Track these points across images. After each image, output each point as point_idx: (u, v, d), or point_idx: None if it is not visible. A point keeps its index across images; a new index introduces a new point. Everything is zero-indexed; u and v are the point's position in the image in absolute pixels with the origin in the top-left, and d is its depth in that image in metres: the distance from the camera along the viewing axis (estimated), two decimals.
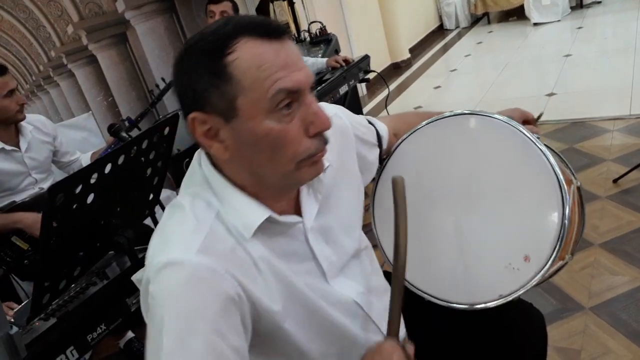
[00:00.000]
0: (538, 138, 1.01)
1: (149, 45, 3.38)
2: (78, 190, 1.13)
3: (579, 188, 1.06)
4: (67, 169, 2.37)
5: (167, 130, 1.44)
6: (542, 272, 0.91)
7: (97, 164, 1.20)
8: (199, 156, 0.82)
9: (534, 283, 0.92)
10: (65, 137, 2.37)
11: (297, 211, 0.85)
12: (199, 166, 0.80)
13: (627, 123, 3.14)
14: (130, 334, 2.28)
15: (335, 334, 0.86)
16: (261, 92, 0.69)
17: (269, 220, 0.77)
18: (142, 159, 1.38)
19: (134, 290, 1.48)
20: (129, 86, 3.31)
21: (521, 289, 0.93)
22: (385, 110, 3.32)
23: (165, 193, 2.47)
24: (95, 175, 1.18)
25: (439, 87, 5.04)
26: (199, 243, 0.71)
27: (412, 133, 1.12)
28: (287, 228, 0.82)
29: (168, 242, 0.73)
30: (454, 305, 1.00)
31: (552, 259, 0.91)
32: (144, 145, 1.36)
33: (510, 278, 0.94)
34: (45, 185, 2.17)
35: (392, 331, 0.80)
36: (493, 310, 0.98)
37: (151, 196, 1.60)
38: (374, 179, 1.15)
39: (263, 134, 0.70)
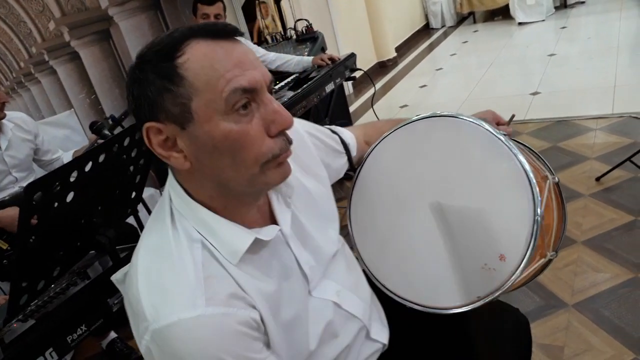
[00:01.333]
0: (506, 136, 1.00)
1: (133, 42, 3.34)
2: (57, 188, 1.10)
3: (556, 184, 1.05)
4: (49, 168, 2.33)
5: None
6: (519, 270, 0.89)
7: (77, 162, 1.17)
8: (169, 184, 0.78)
9: (511, 282, 0.90)
10: (47, 135, 2.33)
11: (273, 221, 0.82)
12: (169, 198, 0.77)
13: (610, 122, 3.17)
14: (112, 334, 2.25)
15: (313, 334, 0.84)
16: (215, 93, 0.66)
17: (254, 242, 0.74)
18: (124, 156, 1.36)
19: (115, 291, 1.45)
20: (112, 83, 3.26)
21: (498, 289, 0.91)
22: (371, 108, 3.32)
23: (148, 191, 2.45)
24: (75, 174, 1.16)
25: (424, 86, 5.06)
26: (203, 295, 0.67)
27: (383, 138, 1.11)
28: (271, 243, 0.79)
29: (168, 298, 0.68)
30: (433, 310, 0.99)
31: (527, 256, 0.89)
32: (126, 142, 1.34)
33: (488, 279, 0.93)
34: (25, 184, 2.13)
35: None
36: (479, 315, 0.98)
37: (134, 194, 1.58)
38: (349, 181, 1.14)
39: (221, 137, 0.67)
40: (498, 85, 4.47)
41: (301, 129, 0.97)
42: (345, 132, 1.11)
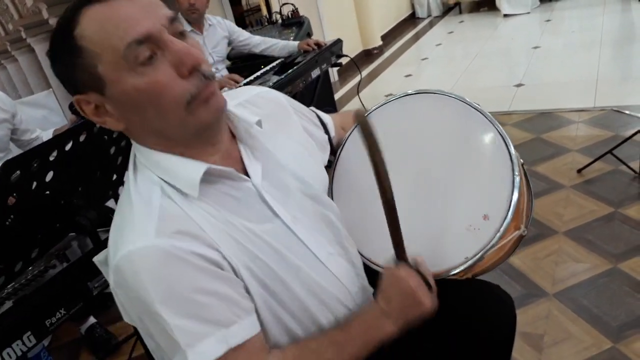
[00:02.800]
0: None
1: None
2: (35, 167, 1.06)
3: (522, 164, 1.09)
4: (28, 148, 2.26)
5: None
6: (502, 228, 0.94)
7: (56, 141, 1.14)
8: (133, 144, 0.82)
9: (496, 240, 0.95)
10: (24, 115, 2.25)
11: (246, 173, 0.84)
12: (134, 155, 0.81)
13: (592, 115, 3.21)
14: (92, 320, 2.21)
15: (304, 285, 0.84)
16: (113, 53, 0.68)
17: (209, 174, 0.76)
18: (105, 137, 1.32)
19: (96, 274, 1.42)
20: None
21: (484, 248, 0.94)
22: (357, 96, 3.30)
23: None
24: (55, 153, 1.12)
25: (409, 75, 5.05)
26: (154, 228, 0.70)
27: (368, 114, 1.16)
28: (234, 183, 0.81)
29: (123, 235, 0.72)
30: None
31: (510, 214, 0.95)
32: None
33: (473, 239, 0.96)
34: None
35: (401, 255, 0.85)
36: (463, 292, 1.01)
37: (115, 177, 1.54)
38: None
39: (135, 92, 0.69)
40: (483, 76, 4.49)
41: (283, 98, 1.01)
42: (322, 113, 1.15)
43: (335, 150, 1.15)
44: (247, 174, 0.83)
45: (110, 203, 1.81)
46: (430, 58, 5.48)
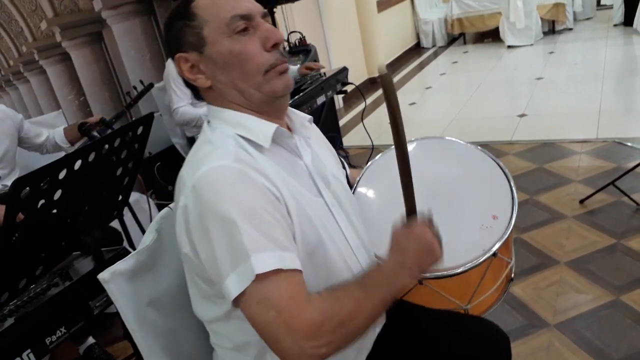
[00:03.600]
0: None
1: (125, 46, 3.32)
2: (45, 185, 1.09)
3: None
4: (40, 149, 2.27)
5: (140, 129, 1.41)
6: (511, 224, 1.17)
7: (66, 160, 1.16)
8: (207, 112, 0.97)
9: (508, 233, 1.16)
10: (25, 121, 2.25)
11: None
12: (207, 122, 0.96)
13: (594, 146, 3.24)
14: (91, 340, 2.20)
15: (329, 256, 0.94)
16: (220, 20, 0.88)
17: (276, 134, 0.91)
18: (114, 157, 1.34)
19: (97, 293, 1.44)
20: (102, 86, 3.24)
21: (498, 241, 1.14)
22: (361, 123, 3.34)
23: (134, 196, 2.42)
24: (64, 171, 1.14)
25: (414, 103, 5.11)
26: (233, 156, 0.83)
27: (381, 155, 1.40)
28: (291, 155, 0.95)
29: (202, 162, 0.83)
30: (448, 272, 1.14)
31: (514, 210, 1.20)
32: (116, 143, 1.33)
33: (487, 235, 1.16)
34: (9, 182, 2.08)
35: (412, 212, 0.95)
36: (461, 330, 1.10)
37: (120, 197, 1.56)
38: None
39: (228, 53, 0.88)
40: (486, 105, 4.54)
41: (320, 134, 1.16)
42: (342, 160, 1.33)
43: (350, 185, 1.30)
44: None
45: (114, 224, 1.83)
46: (435, 87, 5.55)
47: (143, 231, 2.12)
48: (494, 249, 1.14)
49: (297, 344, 0.75)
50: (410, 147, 1.36)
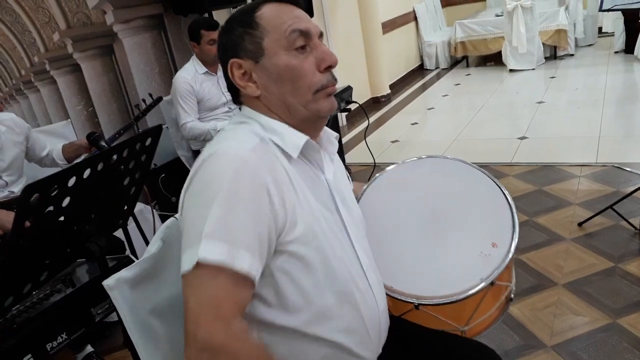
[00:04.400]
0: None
1: (135, 60, 3.39)
2: (54, 192, 1.12)
3: None
4: (41, 163, 2.29)
5: (149, 141, 1.45)
6: (511, 252, 1.14)
7: (75, 168, 1.19)
8: (242, 114, 0.99)
9: (507, 262, 1.12)
10: (32, 133, 2.28)
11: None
12: (235, 120, 0.98)
13: (594, 170, 3.27)
14: (89, 348, 2.21)
15: (337, 277, 0.93)
16: (280, 33, 0.91)
17: (306, 147, 0.93)
18: (122, 167, 1.38)
19: (100, 300, 1.46)
20: (110, 98, 3.29)
21: (497, 269, 1.11)
22: (364, 140, 3.38)
23: (138, 206, 2.45)
24: (73, 179, 1.18)
25: (415, 123, 5.16)
26: (252, 145, 0.86)
27: (378, 176, 1.39)
28: (314, 169, 0.97)
29: (222, 142, 0.87)
30: (444, 300, 1.12)
31: (514, 239, 1.16)
32: (125, 153, 1.36)
33: (486, 263, 1.13)
34: (16, 189, 2.11)
35: None
36: (457, 354, 1.10)
37: (126, 207, 1.59)
38: None
39: (284, 67, 0.90)
40: (487, 127, 4.59)
41: None
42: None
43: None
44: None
45: (116, 233, 1.85)
46: (437, 108, 5.61)
47: (146, 241, 2.15)
48: (492, 277, 1.12)
49: (192, 352, 0.75)
50: (415, 165, 1.43)
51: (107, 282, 1.02)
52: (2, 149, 2.05)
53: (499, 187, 1.29)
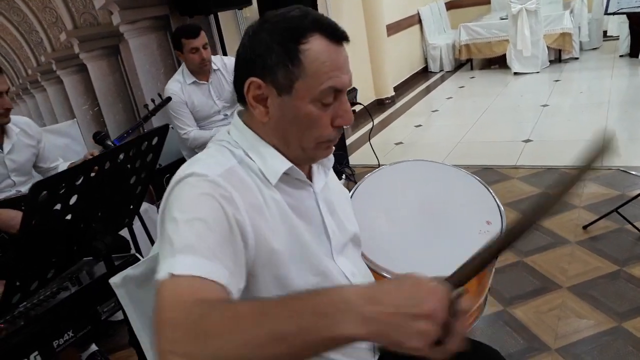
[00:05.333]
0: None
1: (141, 60, 3.40)
2: (62, 189, 1.12)
3: None
4: (45, 175, 2.33)
5: (155, 140, 1.45)
6: (504, 226, 1.23)
7: (84, 166, 1.20)
8: (232, 123, 0.97)
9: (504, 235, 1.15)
10: (47, 143, 2.34)
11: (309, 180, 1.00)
12: (227, 133, 0.96)
13: (599, 174, 3.26)
14: (94, 347, 2.22)
15: (322, 284, 0.94)
16: (317, 82, 0.85)
17: (287, 172, 0.91)
18: (128, 166, 1.38)
19: (106, 298, 1.46)
20: (116, 98, 3.30)
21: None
22: (368, 142, 3.38)
23: (143, 206, 2.45)
24: (81, 178, 1.18)
25: (420, 125, 5.16)
26: (222, 171, 0.83)
27: (375, 171, 1.46)
28: (302, 185, 0.96)
29: (194, 164, 0.85)
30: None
31: (502, 213, 1.28)
32: (132, 152, 1.37)
33: (487, 237, 1.11)
34: (24, 189, 2.13)
35: (453, 278, 0.66)
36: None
37: (132, 206, 1.59)
38: None
39: (304, 114, 0.87)
40: (491, 130, 4.58)
41: None
42: None
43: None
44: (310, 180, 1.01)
45: (121, 232, 1.86)
46: (441, 110, 5.61)
47: (151, 240, 2.15)
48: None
49: (158, 341, 0.63)
50: (397, 167, 1.51)
51: (114, 280, 1.03)
52: (14, 150, 2.08)
53: (469, 174, 1.43)
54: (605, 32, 6.77)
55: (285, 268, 0.88)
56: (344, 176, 3.78)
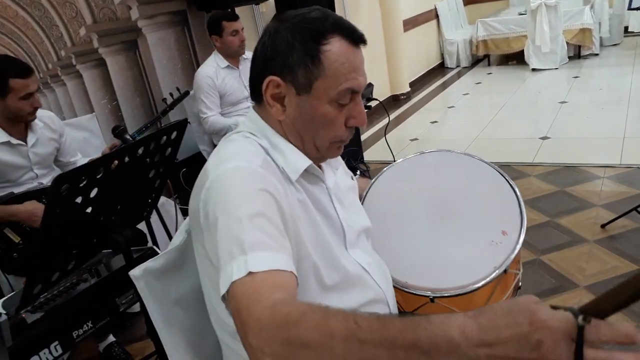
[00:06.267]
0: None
1: (158, 55, 3.43)
2: (83, 182, 1.14)
3: None
4: (65, 169, 2.37)
5: (174, 134, 1.47)
6: (521, 239, 1.15)
7: (104, 159, 1.22)
8: (248, 118, 0.99)
9: (518, 250, 1.14)
10: (68, 136, 2.37)
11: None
12: (245, 124, 0.98)
13: (618, 172, 3.21)
14: (111, 338, 2.25)
15: (344, 277, 0.97)
16: (335, 83, 0.87)
17: (306, 170, 0.93)
18: (147, 160, 1.40)
19: (124, 290, 1.49)
20: (134, 92, 3.34)
21: (509, 256, 1.13)
22: (383, 137, 3.37)
23: (161, 200, 2.48)
24: (101, 170, 1.20)
25: (435, 122, 5.13)
26: (261, 161, 0.86)
27: (391, 166, 1.42)
28: (317, 181, 0.99)
29: (232, 157, 0.85)
30: (460, 290, 1.13)
31: (524, 227, 1.17)
32: (151, 146, 1.38)
33: (497, 251, 1.14)
34: (45, 181, 2.16)
35: (601, 311, 0.54)
36: None
37: (150, 199, 1.61)
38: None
39: (321, 114, 0.89)
40: (508, 127, 4.54)
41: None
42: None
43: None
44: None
45: (140, 226, 1.89)
46: (457, 106, 5.57)
47: (168, 233, 2.18)
48: (504, 265, 1.13)
49: (246, 340, 0.63)
50: (422, 158, 1.45)
51: (134, 273, 1.04)
52: (38, 143, 2.12)
53: (504, 177, 1.31)
54: (626, 28, 6.64)
55: (312, 260, 0.91)
56: (358, 172, 3.77)
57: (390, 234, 1.25)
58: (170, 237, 2.24)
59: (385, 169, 1.42)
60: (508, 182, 1.29)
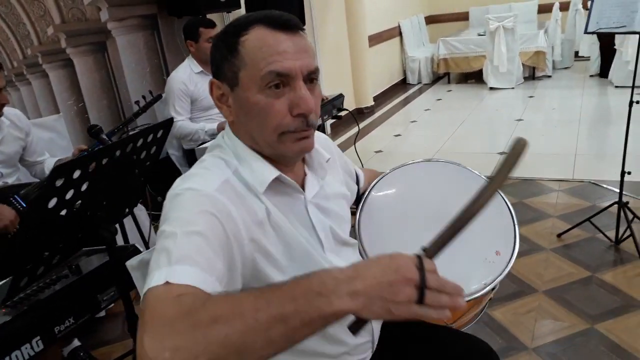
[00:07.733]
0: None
1: (127, 58, 3.39)
2: (77, 176, 1.14)
3: None
4: (31, 169, 2.30)
5: (160, 133, 1.48)
6: (513, 259, 1.18)
7: (97, 154, 1.22)
8: (223, 132, 0.99)
9: (506, 272, 1.16)
10: (34, 136, 2.31)
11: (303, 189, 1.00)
12: (222, 137, 0.97)
13: (571, 185, 3.42)
14: (76, 342, 2.19)
15: None
16: (256, 70, 0.85)
17: (277, 179, 0.91)
18: (134, 157, 1.40)
19: (105, 288, 1.47)
20: (101, 94, 3.29)
21: (499, 276, 1.15)
22: (353, 146, 3.46)
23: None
24: (93, 165, 1.20)
25: (399, 135, 5.27)
26: (218, 184, 0.85)
27: (385, 174, 1.40)
28: (292, 191, 0.96)
29: (190, 178, 0.86)
30: None
31: (516, 247, 1.20)
32: (139, 144, 1.39)
33: (489, 269, 1.16)
34: (10, 180, 2.10)
35: (433, 250, 0.75)
36: (452, 345, 1.17)
37: (132, 197, 1.61)
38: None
39: (253, 103, 0.87)
40: (468, 142, 4.73)
41: (335, 150, 1.18)
42: (357, 169, 1.34)
43: (359, 197, 1.33)
44: (302, 189, 1.00)
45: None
46: (419, 121, 5.75)
47: (140, 232, 2.16)
48: (494, 283, 1.15)
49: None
50: (415, 167, 1.44)
51: (131, 263, 1.05)
52: (3, 142, 2.06)
53: (503, 199, 1.31)
54: (577, 53, 7.06)
55: (285, 274, 0.89)
56: None
57: (385, 243, 1.25)
58: (142, 235, 2.23)
59: (380, 176, 1.42)
60: (503, 199, 1.32)
